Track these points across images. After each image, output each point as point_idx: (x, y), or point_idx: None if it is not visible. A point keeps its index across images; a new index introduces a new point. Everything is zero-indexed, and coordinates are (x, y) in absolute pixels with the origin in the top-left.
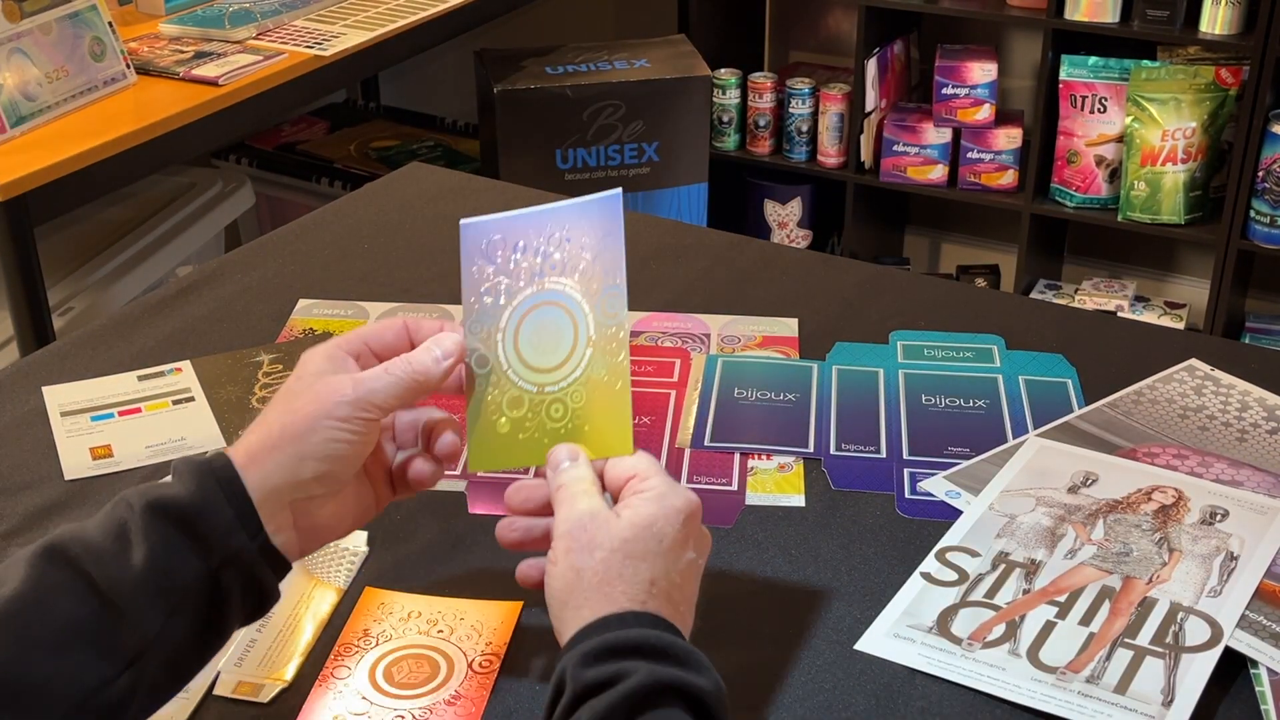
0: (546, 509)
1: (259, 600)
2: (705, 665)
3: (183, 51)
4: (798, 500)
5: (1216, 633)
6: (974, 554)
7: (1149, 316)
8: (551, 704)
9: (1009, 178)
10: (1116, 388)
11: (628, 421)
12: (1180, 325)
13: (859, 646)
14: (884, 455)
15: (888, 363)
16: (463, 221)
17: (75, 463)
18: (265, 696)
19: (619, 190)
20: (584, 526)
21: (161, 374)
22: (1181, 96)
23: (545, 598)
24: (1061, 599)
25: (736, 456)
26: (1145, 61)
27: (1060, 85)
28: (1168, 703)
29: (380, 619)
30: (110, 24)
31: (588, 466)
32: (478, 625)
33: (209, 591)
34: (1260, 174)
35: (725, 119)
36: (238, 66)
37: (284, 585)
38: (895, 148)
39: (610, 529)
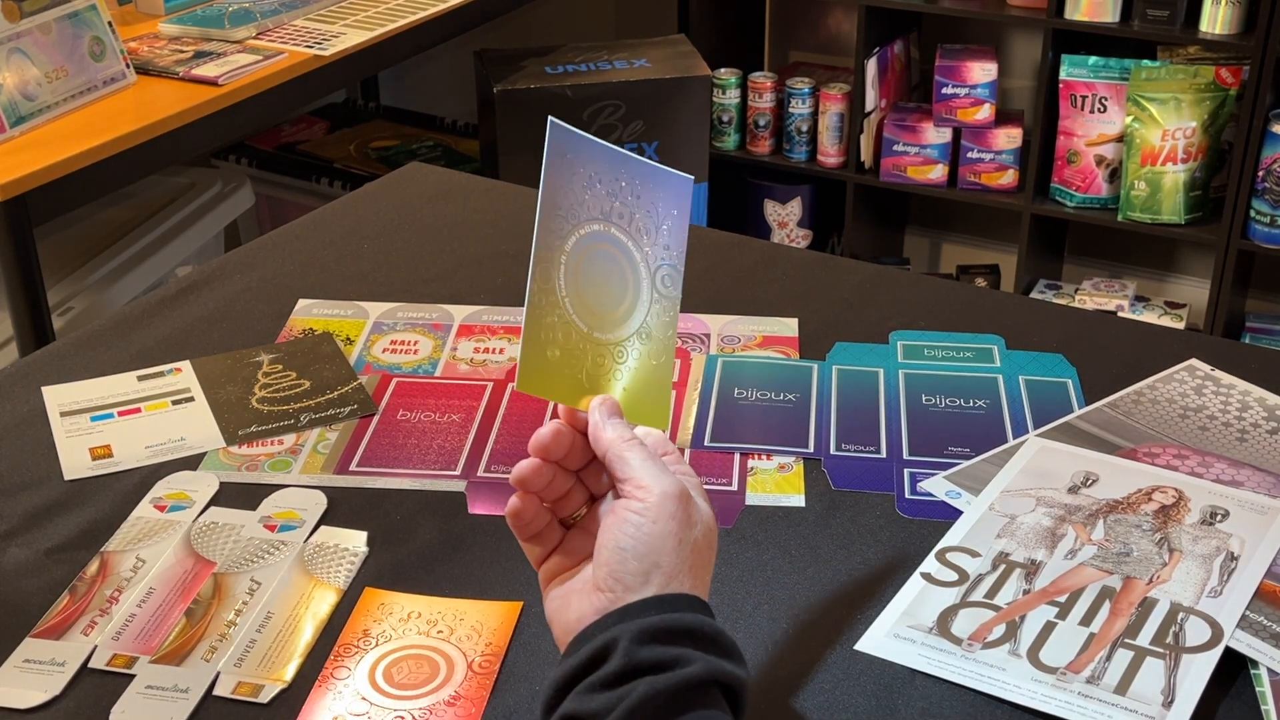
0: (580, 460)
1: None
2: (742, 654)
3: (182, 51)
4: (798, 500)
5: (1217, 633)
6: (974, 554)
7: (1149, 316)
8: (586, 667)
9: (1009, 177)
10: (1117, 388)
11: (667, 397)
12: (1180, 325)
13: (859, 647)
14: (884, 455)
15: (888, 363)
16: (552, 121)
17: (75, 463)
18: (265, 697)
19: (690, 178)
20: (686, 499)
21: (161, 374)
22: (1182, 96)
23: (618, 546)
24: (1062, 599)
25: (736, 457)
26: (1145, 61)
27: (1060, 85)
28: (1168, 703)
29: (380, 619)
30: (110, 24)
31: None
32: (478, 626)
33: None
34: (1260, 174)
35: (725, 119)
36: (237, 66)
37: (284, 585)
38: (895, 147)
39: (702, 513)
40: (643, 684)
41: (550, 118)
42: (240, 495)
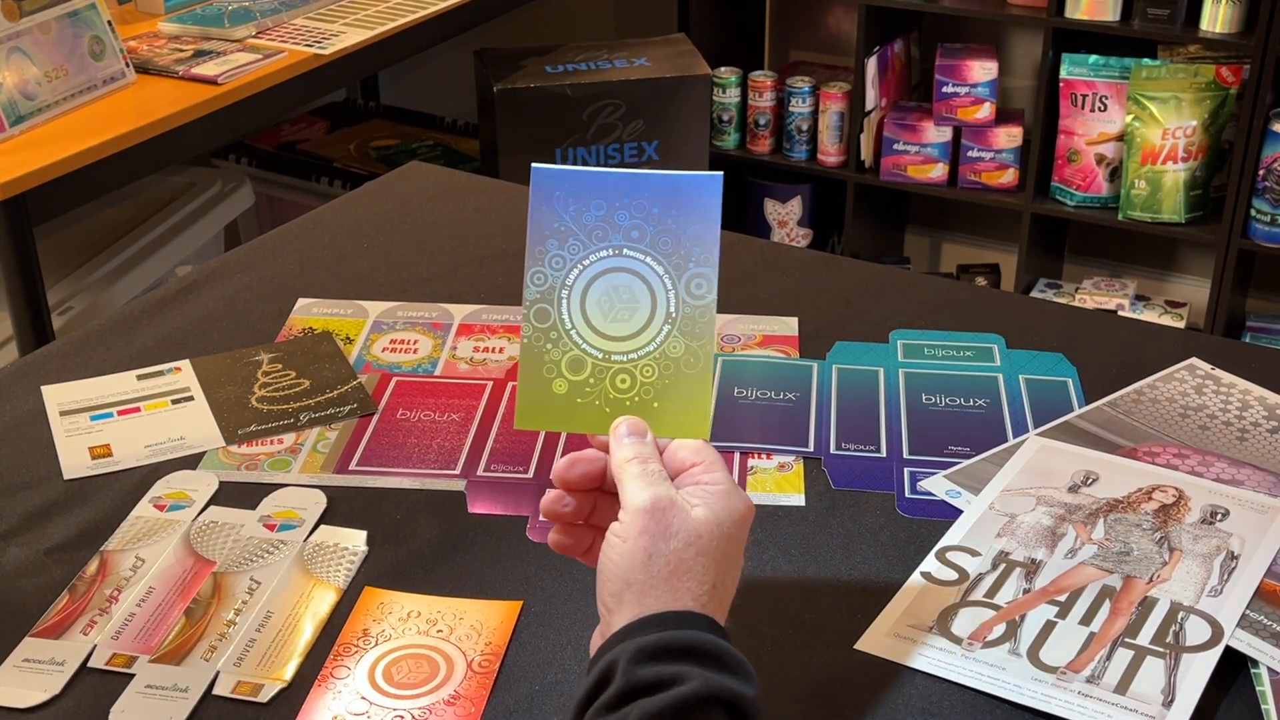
0: (601, 482)
1: None
2: (751, 672)
3: (182, 50)
4: (798, 500)
5: (1217, 632)
6: (974, 553)
7: (1149, 315)
8: (593, 690)
9: (1009, 176)
10: (1117, 387)
11: (706, 405)
12: (1181, 324)
13: (859, 646)
14: (884, 454)
15: (888, 362)
16: (534, 166)
17: (74, 462)
18: (264, 696)
19: (720, 174)
20: (663, 510)
21: (161, 373)
22: (1182, 95)
23: (600, 570)
24: (1062, 599)
25: (736, 456)
26: (1146, 60)
27: (1061, 84)
28: (1168, 703)
29: (379, 619)
30: (109, 23)
31: (654, 445)
32: (477, 625)
33: None
34: (1261, 173)
35: (725, 118)
36: (237, 65)
37: (283, 585)
38: (895, 146)
39: (686, 521)
40: (636, 707)
41: (533, 164)
42: (240, 494)
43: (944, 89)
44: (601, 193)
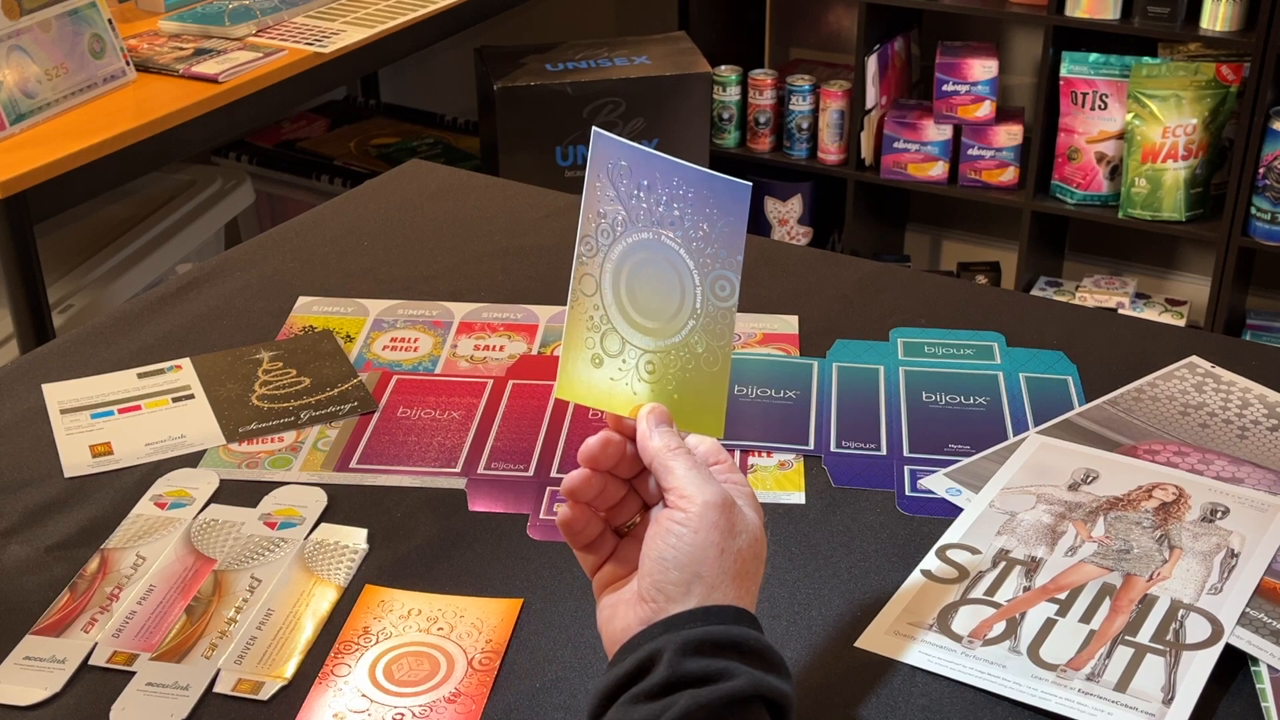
0: (632, 468)
1: None
2: (789, 671)
3: (182, 49)
4: (798, 498)
5: (1217, 630)
6: (974, 551)
7: (1150, 314)
8: (630, 677)
9: (1010, 175)
10: (1117, 385)
11: (722, 405)
12: (1181, 322)
13: (859, 644)
14: (884, 452)
15: (888, 360)
16: (595, 130)
17: (75, 460)
18: (265, 694)
19: (749, 185)
20: (729, 507)
21: (161, 371)
22: (1182, 93)
23: (659, 556)
24: (1062, 596)
25: (737, 454)
26: (1146, 58)
27: (1061, 82)
28: (1168, 700)
29: (380, 616)
30: (110, 21)
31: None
32: (478, 623)
33: None
34: (1261, 171)
35: (726, 116)
36: (237, 64)
37: (284, 582)
38: (896, 144)
39: (745, 522)
40: (685, 696)
41: (595, 128)
42: (240, 492)
43: (944, 87)
44: (649, 173)
